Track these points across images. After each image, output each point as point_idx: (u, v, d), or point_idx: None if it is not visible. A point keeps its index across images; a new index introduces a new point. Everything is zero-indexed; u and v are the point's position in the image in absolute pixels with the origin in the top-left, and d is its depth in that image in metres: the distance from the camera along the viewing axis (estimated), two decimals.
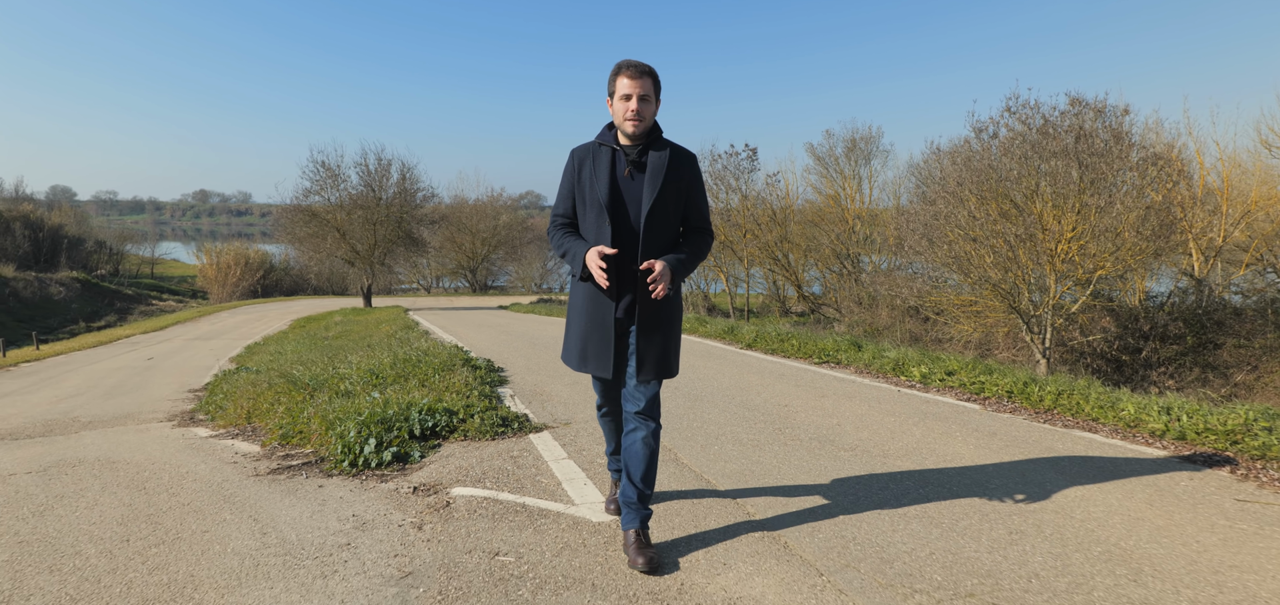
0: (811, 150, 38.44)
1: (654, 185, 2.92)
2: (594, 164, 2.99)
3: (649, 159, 2.95)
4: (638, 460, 3.00)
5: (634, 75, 2.88)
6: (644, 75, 2.90)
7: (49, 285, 44.54)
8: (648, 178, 2.93)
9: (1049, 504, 3.65)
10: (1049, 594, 2.71)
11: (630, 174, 2.96)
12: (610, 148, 2.99)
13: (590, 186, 2.97)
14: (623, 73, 2.90)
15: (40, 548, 3.39)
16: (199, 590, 2.87)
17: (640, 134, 2.94)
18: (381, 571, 2.97)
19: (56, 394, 11.52)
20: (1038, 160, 17.14)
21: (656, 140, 3.00)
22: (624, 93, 2.90)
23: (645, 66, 2.92)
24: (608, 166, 2.95)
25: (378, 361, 7.78)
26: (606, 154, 2.98)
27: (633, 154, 2.96)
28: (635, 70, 2.89)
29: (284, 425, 5.62)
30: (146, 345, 22.17)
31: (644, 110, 2.90)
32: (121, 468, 4.93)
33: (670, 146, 3.01)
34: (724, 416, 5.61)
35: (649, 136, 2.99)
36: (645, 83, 2.89)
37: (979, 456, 4.50)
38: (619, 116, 2.94)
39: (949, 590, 2.75)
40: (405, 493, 3.96)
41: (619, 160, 2.98)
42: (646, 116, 2.92)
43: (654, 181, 2.92)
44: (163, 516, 3.77)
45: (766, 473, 4.19)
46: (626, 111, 2.89)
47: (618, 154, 2.99)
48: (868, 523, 3.41)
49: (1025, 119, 17.83)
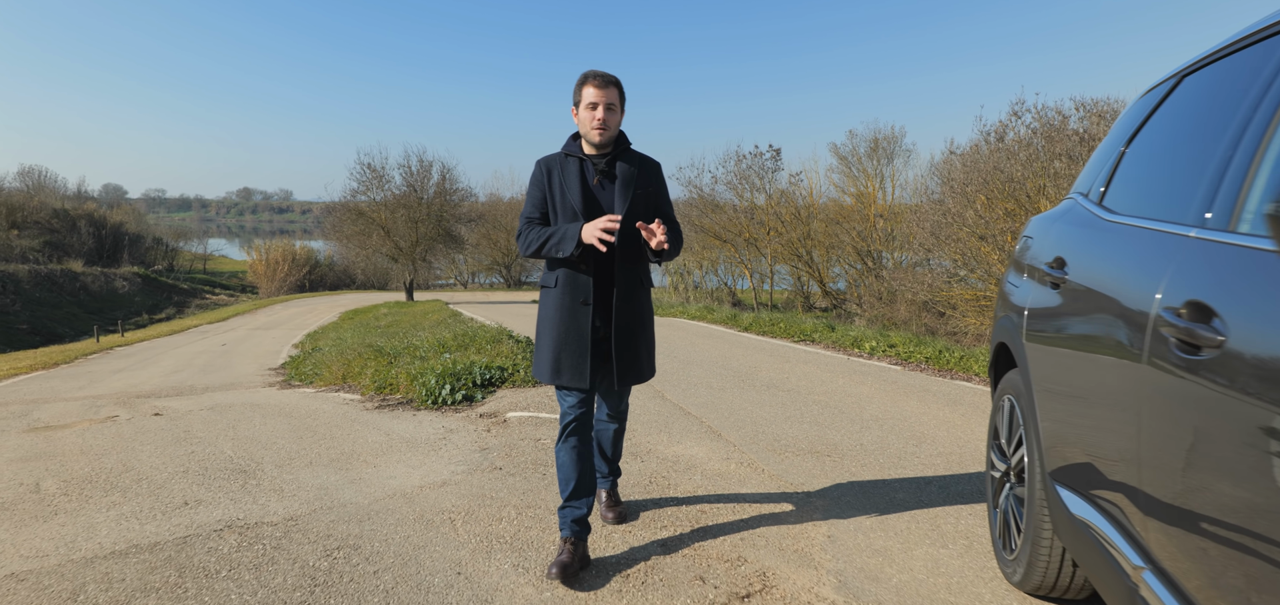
0: (835, 150, 39.66)
1: (626, 192, 2.97)
2: (563, 173, 3.00)
3: (618, 168, 3.00)
4: (609, 442, 3.40)
5: (599, 85, 2.91)
6: (609, 85, 2.93)
7: (114, 280, 47.66)
8: (619, 186, 2.98)
9: (892, 413, 5.49)
10: (865, 452, 4.51)
11: (600, 183, 2.99)
12: (577, 157, 3.01)
13: (562, 195, 2.98)
14: (588, 82, 2.93)
15: (249, 441, 5.32)
16: (358, 456, 4.76)
17: (607, 142, 2.97)
18: (468, 448, 4.85)
19: (161, 370, 13.64)
20: (1045, 161, 18.53)
21: (623, 150, 3.06)
22: (590, 102, 2.91)
23: (610, 76, 2.96)
24: (577, 175, 2.98)
25: (442, 336, 9.75)
26: (574, 163, 3.00)
27: (601, 163, 2.99)
28: (601, 80, 2.92)
29: (378, 380, 7.56)
30: (216, 334, 24.48)
31: (609, 119, 2.92)
32: (266, 408, 6.89)
33: (637, 155, 3.09)
34: (705, 374, 7.45)
35: (615, 145, 3.03)
36: (611, 92, 2.93)
37: (868, 393, 6.33)
38: (585, 126, 2.95)
39: (807, 450, 4.58)
40: (474, 417, 5.84)
41: (588, 169, 3.00)
42: (612, 125, 2.95)
43: (625, 189, 2.97)
44: (315, 428, 5.70)
45: (722, 403, 6.02)
46: (593, 121, 2.91)
47: (585, 163, 3.01)
48: (775, 424, 5.24)
49: (1045, 120, 18.97)
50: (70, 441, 5.53)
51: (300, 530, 3.42)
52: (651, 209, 3.05)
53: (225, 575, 2.94)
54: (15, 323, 36.30)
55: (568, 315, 2.94)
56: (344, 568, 3.00)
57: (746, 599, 2.70)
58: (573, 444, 2.99)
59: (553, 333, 2.96)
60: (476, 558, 3.09)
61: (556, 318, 2.96)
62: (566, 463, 2.99)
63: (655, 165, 3.12)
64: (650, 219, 2.96)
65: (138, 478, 4.38)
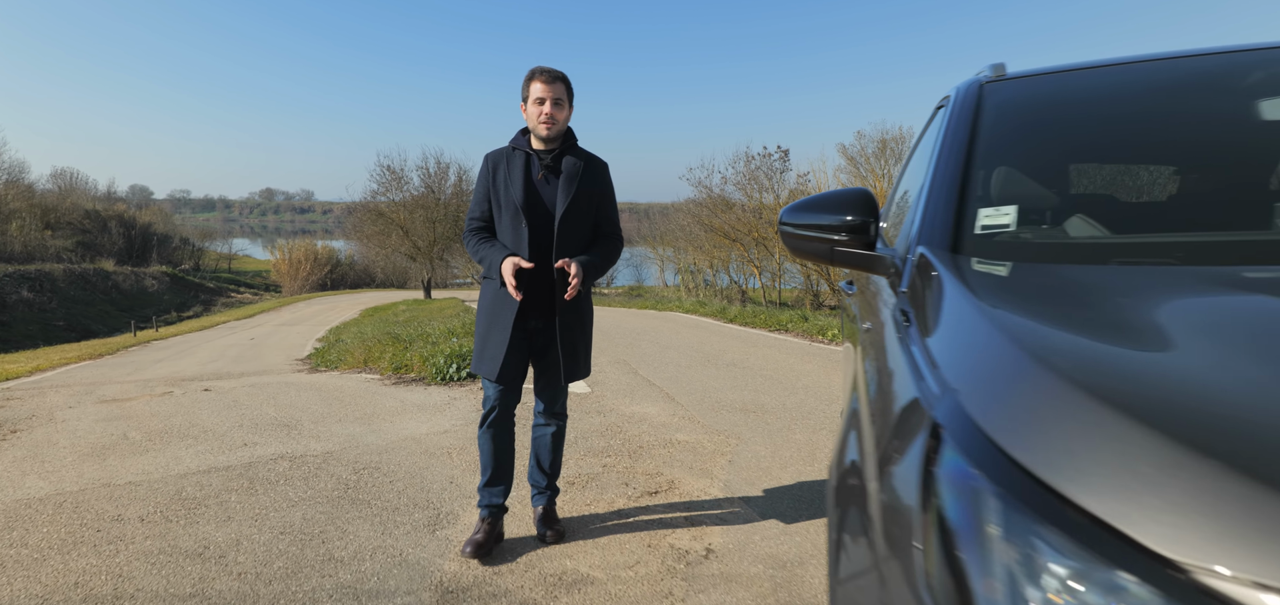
0: (843, 150, 40.44)
1: (568, 189, 2.98)
2: (508, 168, 3.02)
3: (564, 164, 3.02)
4: (546, 449, 3.26)
5: (547, 80, 2.94)
6: (557, 80, 2.95)
7: (144, 279, 49.40)
8: (562, 181, 2.99)
9: (821, 384, 6.53)
10: (786, 410, 5.54)
11: (545, 177, 3.00)
12: (524, 152, 3.03)
13: (505, 190, 3.00)
14: (536, 78, 2.95)
15: (288, 406, 6.44)
16: (378, 416, 5.85)
17: (554, 138, 2.99)
18: (467, 409, 5.93)
19: (198, 360, 14.83)
20: None
21: (570, 146, 3.07)
22: (537, 97, 2.93)
23: (558, 72, 2.98)
24: (521, 170, 2.99)
25: (452, 325, 10.89)
26: (520, 158, 3.02)
27: (547, 158, 3.00)
28: (548, 76, 2.95)
29: (395, 362, 8.67)
30: (243, 330, 25.78)
31: (557, 114, 2.95)
32: (299, 384, 8.02)
33: (584, 153, 3.10)
34: (678, 356, 8.52)
35: (563, 141, 3.05)
36: (558, 88, 2.95)
37: (811, 368, 7.37)
38: (532, 121, 2.98)
39: (739, 409, 5.64)
40: (475, 389, 6.93)
41: (533, 164, 3.01)
42: (559, 120, 2.97)
43: (568, 186, 2.98)
44: (342, 398, 6.81)
45: (684, 378, 7.08)
46: (540, 115, 2.93)
47: (531, 158, 3.02)
48: (722, 392, 6.30)
49: None
50: (139, 408, 6.67)
51: (334, 459, 4.52)
52: (594, 208, 3.10)
53: (282, 483, 4.04)
54: (53, 319, 37.97)
55: (499, 309, 3.01)
56: (368, 480, 4.09)
57: (654, 494, 3.76)
58: (492, 434, 3.11)
59: (482, 324, 3.05)
60: (466, 475, 4.17)
61: (488, 310, 3.05)
62: (485, 449, 3.12)
63: (602, 165, 3.16)
64: (592, 217, 3.10)
65: (203, 430, 5.50)
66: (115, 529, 3.41)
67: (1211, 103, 1.76)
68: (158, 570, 2.95)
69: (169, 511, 3.62)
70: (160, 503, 3.76)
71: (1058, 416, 0.73)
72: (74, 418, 6.19)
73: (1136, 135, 1.77)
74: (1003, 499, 0.71)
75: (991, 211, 1.53)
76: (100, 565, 3.01)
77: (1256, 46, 1.86)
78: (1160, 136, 1.76)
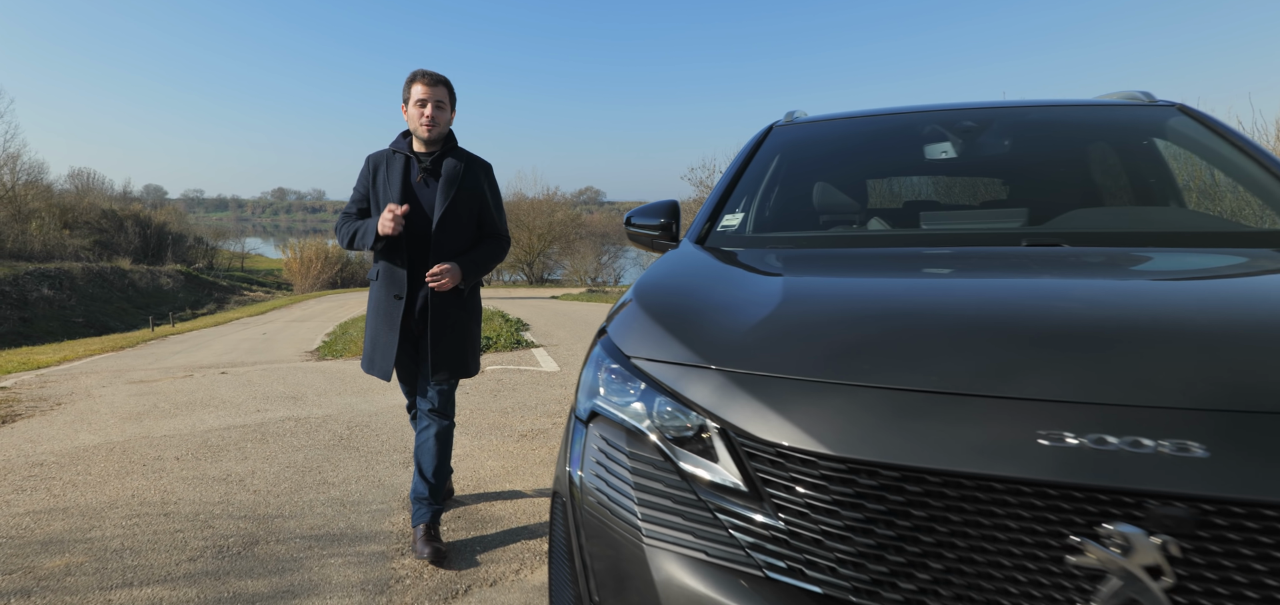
0: None
1: (447, 192, 2.96)
2: (388, 169, 3.00)
3: (444, 166, 2.99)
4: (429, 456, 3.06)
5: (428, 83, 2.93)
6: (438, 83, 2.95)
7: (159, 277, 50.61)
8: (441, 184, 2.96)
9: None
10: None
11: (424, 180, 2.98)
12: (404, 154, 3.01)
13: (384, 191, 2.98)
14: (418, 80, 2.94)
15: (295, 384, 7.35)
16: (372, 391, 6.74)
17: (435, 140, 2.98)
18: None
19: (214, 352, 15.78)
20: None
21: (452, 148, 3.05)
22: (419, 99, 2.93)
23: (440, 76, 2.97)
24: (401, 172, 2.97)
25: None
26: (400, 160, 3.00)
27: (426, 161, 2.99)
28: (430, 79, 2.94)
29: None
30: (256, 326, 26.68)
31: (438, 116, 2.94)
32: (306, 369, 8.94)
33: (465, 154, 3.08)
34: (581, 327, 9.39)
35: (444, 144, 3.04)
36: (439, 91, 2.94)
37: None
38: (414, 122, 2.96)
39: None
40: None
41: (413, 166, 3.00)
42: (441, 122, 2.96)
43: (447, 188, 2.96)
44: (342, 378, 7.71)
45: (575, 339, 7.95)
46: (421, 117, 2.92)
47: (411, 160, 3.00)
48: None
49: None
50: (165, 387, 7.60)
51: (332, 420, 5.42)
52: (475, 208, 3.06)
53: (289, 436, 4.94)
54: (72, 316, 39.14)
55: (383, 307, 3.01)
56: (359, 434, 4.98)
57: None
58: (414, 422, 3.30)
59: (370, 323, 3.05)
60: None
61: (373, 309, 3.06)
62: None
63: (485, 166, 3.13)
64: (473, 218, 3.07)
65: (222, 401, 6.41)
66: (157, 464, 4.32)
67: (899, 144, 2.62)
68: (192, 488, 3.86)
69: (198, 453, 4.53)
70: (191, 448, 4.66)
71: (633, 318, 1.60)
72: (109, 394, 7.12)
73: (844, 165, 2.63)
74: (608, 350, 1.57)
75: (730, 217, 2.39)
76: (148, 485, 3.92)
77: (936, 107, 2.71)
78: (856, 167, 2.62)
